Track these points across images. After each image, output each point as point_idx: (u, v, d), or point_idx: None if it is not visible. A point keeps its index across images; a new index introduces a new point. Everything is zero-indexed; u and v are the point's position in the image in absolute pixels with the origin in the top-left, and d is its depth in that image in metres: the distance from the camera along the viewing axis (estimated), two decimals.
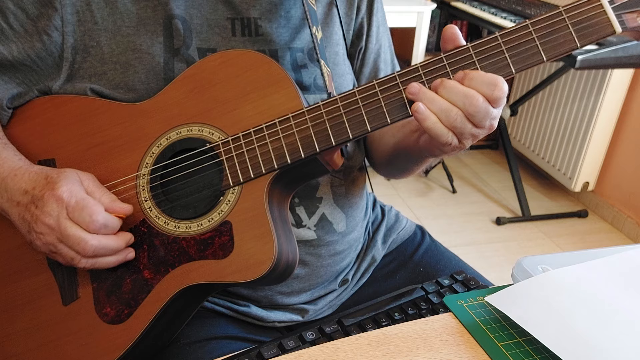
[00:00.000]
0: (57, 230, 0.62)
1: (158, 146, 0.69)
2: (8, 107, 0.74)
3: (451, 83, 0.62)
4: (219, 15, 0.75)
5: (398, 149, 0.80)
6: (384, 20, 0.91)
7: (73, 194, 0.63)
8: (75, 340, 0.69)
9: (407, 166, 0.84)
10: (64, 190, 0.63)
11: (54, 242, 0.63)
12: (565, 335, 0.55)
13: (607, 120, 2.45)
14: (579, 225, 2.57)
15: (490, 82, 0.61)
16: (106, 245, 0.64)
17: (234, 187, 0.67)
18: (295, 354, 0.56)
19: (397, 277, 0.91)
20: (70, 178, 0.65)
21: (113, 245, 0.65)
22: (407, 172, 0.88)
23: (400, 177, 0.94)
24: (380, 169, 0.93)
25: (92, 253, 0.63)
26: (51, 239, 0.63)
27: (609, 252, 0.69)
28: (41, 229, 0.63)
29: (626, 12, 0.60)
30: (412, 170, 0.86)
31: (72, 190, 0.63)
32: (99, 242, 0.63)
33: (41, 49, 0.72)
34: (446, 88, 0.62)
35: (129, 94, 0.72)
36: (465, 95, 0.61)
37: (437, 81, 0.63)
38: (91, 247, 0.62)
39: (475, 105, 0.61)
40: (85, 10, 0.72)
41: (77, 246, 0.62)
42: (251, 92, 0.68)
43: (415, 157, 0.79)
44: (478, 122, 0.62)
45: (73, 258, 0.64)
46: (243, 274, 0.64)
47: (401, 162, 0.84)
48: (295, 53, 0.78)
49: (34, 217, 0.64)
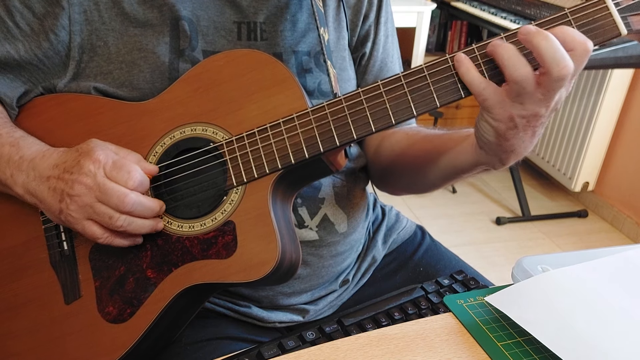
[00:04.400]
0: (96, 187, 0.63)
1: (162, 145, 0.70)
2: (16, 106, 0.74)
3: (551, 37, 0.57)
4: (226, 19, 0.75)
5: (431, 154, 0.77)
6: (394, 32, 0.90)
7: (109, 156, 0.65)
8: (77, 339, 0.69)
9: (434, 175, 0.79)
10: (100, 153, 0.64)
11: (91, 203, 0.64)
12: (565, 335, 0.55)
13: (607, 120, 2.45)
14: (579, 225, 2.57)
15: (580, 40, 0.58)
16: (143, 202, 0.65)
17: (238, 186, 0.67)
18: (295, 354, 0.56)
19: (397, 277, 0.91)
20: (100, 144, 0.66)
21: (149, 204, 0.65)
22: (430, 183, 0.82)
23: (412, 191, 0.92)
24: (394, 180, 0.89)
25: (130, 207, 0.63)
26: (89, 199, 0.63)
27: (609, 252, 0.69)
28: (78, 190, 0.63)
29: (632, 15, 0.60)
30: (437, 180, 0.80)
31: (107, 154, 0.65)
32: (137, 197, 0.64)
33: (48, 48, 0.72)
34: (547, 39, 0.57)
35: (133, 92, 0.72)
36: (562, 57, 0.57)
37: (531, 27, 0.58)
38: (130, 199, 0.63)
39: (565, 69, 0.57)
40: (93, 9, 0.72)
41: (117, 199, 0.63)
42: (256, 92, 0.68)
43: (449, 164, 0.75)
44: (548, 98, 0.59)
45: (112, 216, 0.64)
46: (246, 273, 0.64)
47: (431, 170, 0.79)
48: (300, 57, 0.78)
49: (68, 183, 0.64)
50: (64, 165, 0.66)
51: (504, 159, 0.67)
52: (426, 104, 0.64)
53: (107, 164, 0.64)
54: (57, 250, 0.71)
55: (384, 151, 0.87)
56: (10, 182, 0.69)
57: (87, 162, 0.64)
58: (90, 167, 0.63)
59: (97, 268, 0.70)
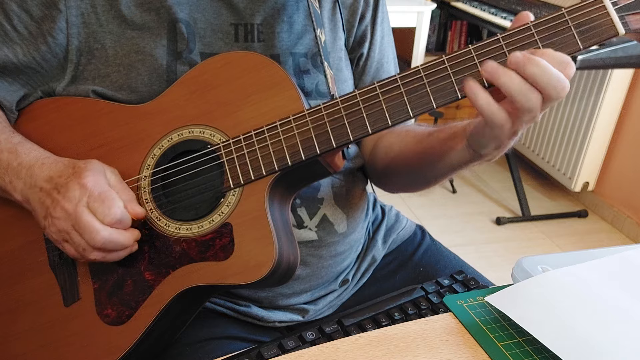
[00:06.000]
0: (73, 216, 0.62)
1: (160, 148, 0.70)
2: (15, 110, 0.75)
3: (543, 63, 0.56)
4: (223, 21, 0.75)
5: (424, 156, 0.77)
6: (389, 31, 0.90)
7: (98, 184, 0.64)
8: (77, 342, 0.69)
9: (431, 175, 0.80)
10: (89, 180, 0.63)
11: (67, 229, 0.63)
12: (565, 335, 0.55)
13: (607, 120, 2.45)
14: (579, 225, 2.57)
15: (562, 60, 0.57)
16: (116, 239, 0.64)
17: (235, 188, 0.67)
18: (295, 354, 0.56)
19: (397, 277, 0.91)
20: (96, 169, 0.65)
21: (122, 241, 0.65)
22: (429, 182, 0.83)
23: (412, 190, 0.91)
24: (392, 182, 0.89)
25: (100, 245, 0.63)
26: (66, 226, 0.63)
27: (609, 252, 0.69)
28: (58, 213, 0.63)
29: (630, 14, 0.59)
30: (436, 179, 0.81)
31: (97, 181, 0.64)
32: (110, 235, 0.63)
33: (46, 51, 0.72)
34: (539, 66, 0.56)
35: (131, 95, 0.72)
36: (558, 80, 0.56)
37: (518, 56, 0.57)
38: (101, 238, 0.62)
39: (564, 91, 0.57)
40: (91, 12, 0.72)
41: (89, 235, 0.62)
42: (253, 94, 0.68)
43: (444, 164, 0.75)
44: (544, 109, 0.59)
45: (85, 249, 0.64)
46: (244, 275, 0.64)
47: (425, 171, 0.80)
48: (298, 58, 0.78)
49: (54, 202, 0.64)
50: (56, 180, 0.65)
51: (497, 155, 0.68)
52: (423, 105, 0.63)
53: (92, 194, 0.63)
54: (56, 253, 0.71)
55: (379, 154, 0.87)
56: (10, 189, 0.69)
57: (74, 186, 0.63)
58: (75, 193, 0.63)
59: (96, 270, 0.70)
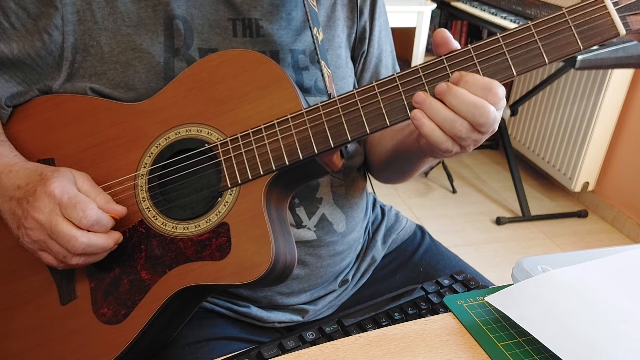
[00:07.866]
0: (48, 226, 0.62)
1: (157, 146, 0.69)
2: (7, 106, 0.74)
3: (460, 91, 0.59)
4: (220, 16, 0.75)
5: (397, 150, 0.80)
6: (387, 25, 0.90)
7: (65, 190, 0.63)
8: (73, 341, 0.69)
9: (407, 168, 0.83)
10: (55, 187, 0.63)
11: (44, 239, 0.63)
12: (565, 335, 0.55)
13: (607, 120, 2.45)
14: (579, 225, 2.57)
15: (485, 86, 0.59)
16: (95, 243, 0.63)
17: (232, 188, 0.67)
18: (295, 354, 0.56)
19: (397, 277, 0.91)
20: (63, 176, 0.65)
21: (102, 244, 0.64)
22: (406, 174, 0.87)
23: (398, 181, 0.93)
24: (378, 173, 0.91)
25: (81, 251, 0.62)
26: (41, 235, 0.63)
27: (609, 252, 0.69)
28: (30, 224, 0.63)
29: (630, 14, 0.59)
30: (411, 172, 0.84)
31: (64, 187, 0.63)
32: (89, 240, 0.62)
33: (41, 48, 0.72)
34: (455, 96, 0.60)
35: (129, 93, 0.72)
36: (475, 106, 0.59)
37: (442, 86, 0.60)
38: (81, 244, 0.62)
39: (486, 116, 0.59)
40: (86, 9, 0.72)
41: (67, 243, 0.62)
42: (250, 92, 0.67)
43: (414, 158, 0.78)
44: (485, 130, 0.61)
45: (65, 256, 0.63)
46: (240, 275, 0.64)
47: (400, 163, 0.83)
48: (297, 55, 0.78)
49: (24, 213, 0.63)
50: (25, 188, 0.65)
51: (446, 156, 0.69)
52: None
53: (62, 201, 0.62)
54: None
55: (374, 156, 0.88)
56: None
57: (42, 194, 0.62)
58: (44, 202, 0.62)
59: (92, 269, 0.69)
